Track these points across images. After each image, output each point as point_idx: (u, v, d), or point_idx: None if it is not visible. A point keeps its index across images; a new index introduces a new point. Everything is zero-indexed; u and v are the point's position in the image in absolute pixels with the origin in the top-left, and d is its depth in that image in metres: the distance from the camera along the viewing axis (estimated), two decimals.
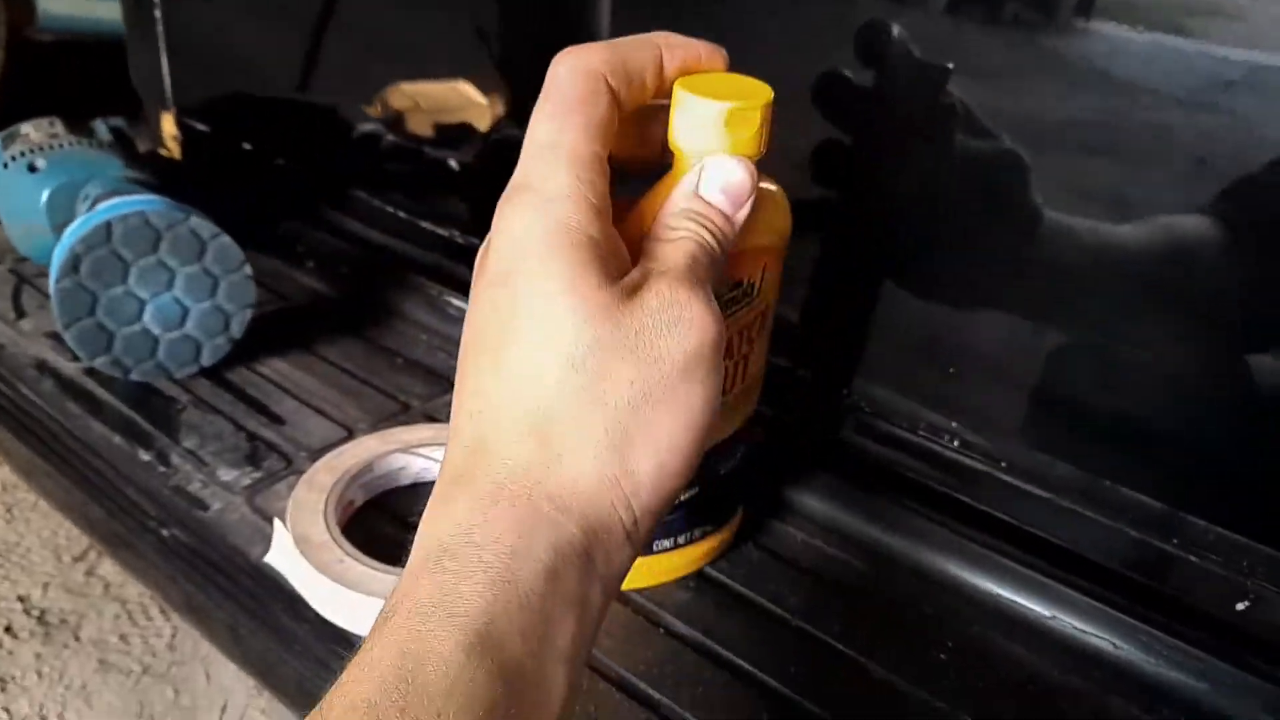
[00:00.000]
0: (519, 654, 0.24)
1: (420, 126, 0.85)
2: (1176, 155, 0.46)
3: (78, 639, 1.09)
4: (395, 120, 0.87)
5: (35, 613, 1.12)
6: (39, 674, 1.05)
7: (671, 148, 0.35)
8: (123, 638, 1.10)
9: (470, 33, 0.77)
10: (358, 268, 0.88)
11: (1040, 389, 0.55)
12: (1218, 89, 0.43)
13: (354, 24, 0.87)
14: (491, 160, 0.79)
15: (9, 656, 1.06)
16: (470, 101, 0.80)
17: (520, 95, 0.76)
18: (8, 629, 1.09)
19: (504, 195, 0.31)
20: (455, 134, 0.83)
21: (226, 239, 0.69)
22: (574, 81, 0.31)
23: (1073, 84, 0.48)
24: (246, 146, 0.97)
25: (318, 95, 0.93)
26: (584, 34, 0.69)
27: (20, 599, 1.14)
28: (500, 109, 0.78)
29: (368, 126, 0.90)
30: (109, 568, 1.19)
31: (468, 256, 0.79)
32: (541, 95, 0.32)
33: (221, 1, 0.97)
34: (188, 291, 0.69)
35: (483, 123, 0.79)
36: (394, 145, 0.89)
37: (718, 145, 0.33)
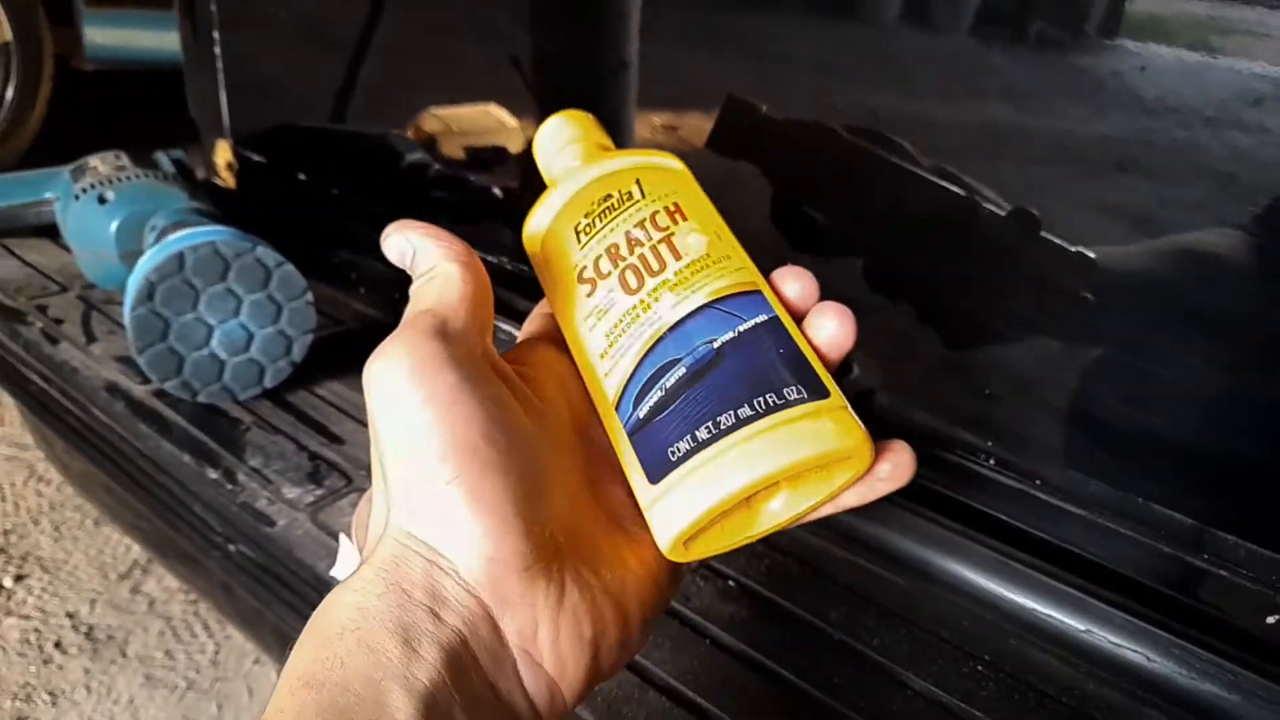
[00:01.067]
0: (337, 677, 0.25)
1: (453, 150, 0.88)
2: (1205, 172, 0.48)
3: (124, 655, 1.12)
4: (429, 144, 0.91)
5: (83, 629, 1.15)
6: (88, 689, 1.07)
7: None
8: (168, 654, 1.13)
9: (504, 59, 0.80)
10: (406, 294, 0.92)
11: (1073, 408, 0.57)
12: (1246, 105, 0.45)
13: (396, 54, 0.90)
14: (536, 189, 0.82)
15: (59, 672, 1.09)
16: (502, 125, 0.83)
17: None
18: (57, 645, 1.13)
19: None
20: (489, 157, 0.86)
21: (290, 267, 0.73)
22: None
23: (1100, 102, 0.50)
24: (301, 176, 1.01)
25: (368, 125, 0.97)
26: (614, 57, 0.72)
27: (69, 615, 1.17)
28: (531, 132, 0.81)
29: (416, 156, 0.94)
30: (154, 585, 1.23)
31: (515, 283, 0.82)
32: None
33: (277, 34, 1.01)
34: (253, 317, 0.72)
35: (514, 145, 0.82)
36: (441, 174, 0.93)
37: (563, 156, 0.41)
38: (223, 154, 1.06)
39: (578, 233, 0.37)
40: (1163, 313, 0.52)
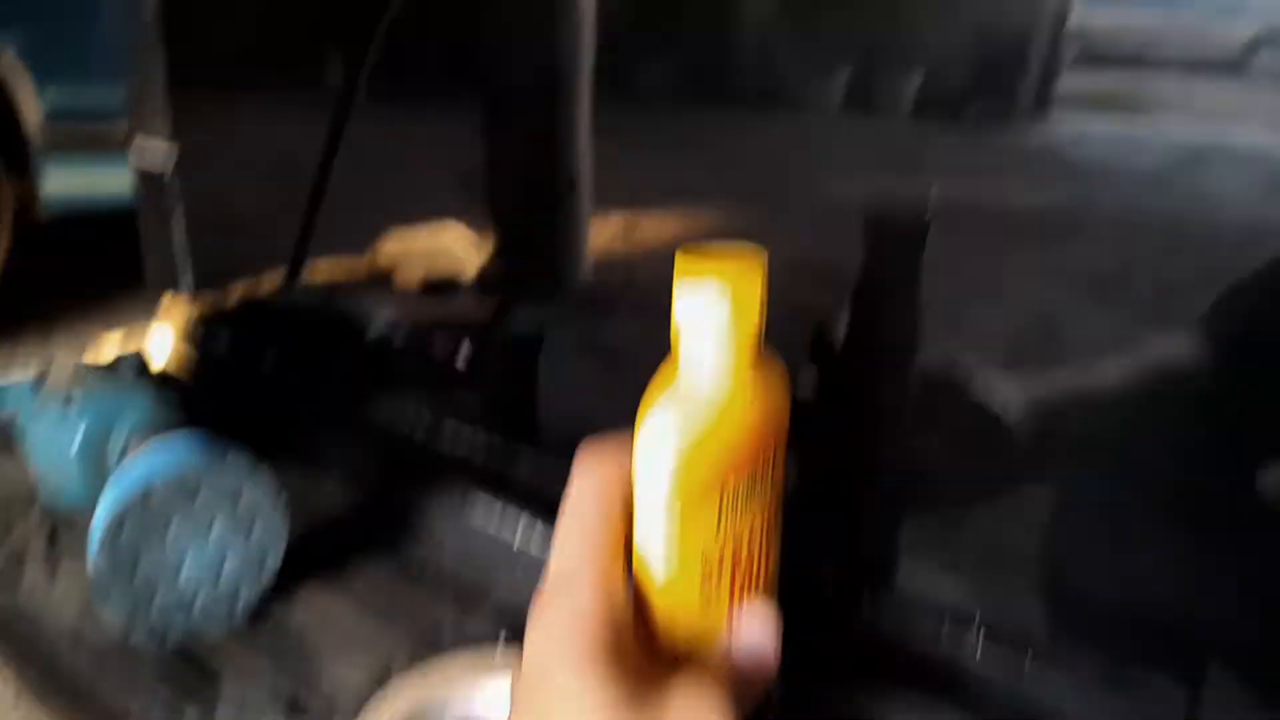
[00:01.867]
0: None
1: (411, 276, 0.88)
2: (1147, 236, 0.48)
3: None
4: (386, 274, 0.89)
5: None
6: None
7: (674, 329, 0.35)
8: None
9: (455, 180, 0.81)
10: (384, 472, 0.90)
11: (1063, 580, 0.56)
12: (1177, 169, 0.47)
13: (353, 192, 0.90)
14: (507, 356, 0.83)
15: None
16: (458, 247, 0.83)
17: (506, 238, 0.80)
18: None
19: (537, 600, 0.34)
20: (447, 286, 0.85)
21: (262, 476, 0.71)
22: (596, 497, 0.35)
23: (1040, 175, 0.51)
24: (265, 356, 1.00)
25: (331, 298, 0.96)
26: (565, 177, 0.73)
27: None
28: (488, 251, 0.82)
29: (382, 325, 0.93)
30: None
31: (492, 456, 0.80)
32: (569, 502, 0.35)
33: (239, 204, 1.01)
34: (224, 538, 0.70)
35: (471, 268, 0.83)
36: (408, 344, 0.92)
37: (718, 322, 0.33)
38: (179, 334, 1.05)
39: (722, 503, 0.34)
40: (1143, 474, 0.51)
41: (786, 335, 0.38)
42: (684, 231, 0.67)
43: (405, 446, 0.90)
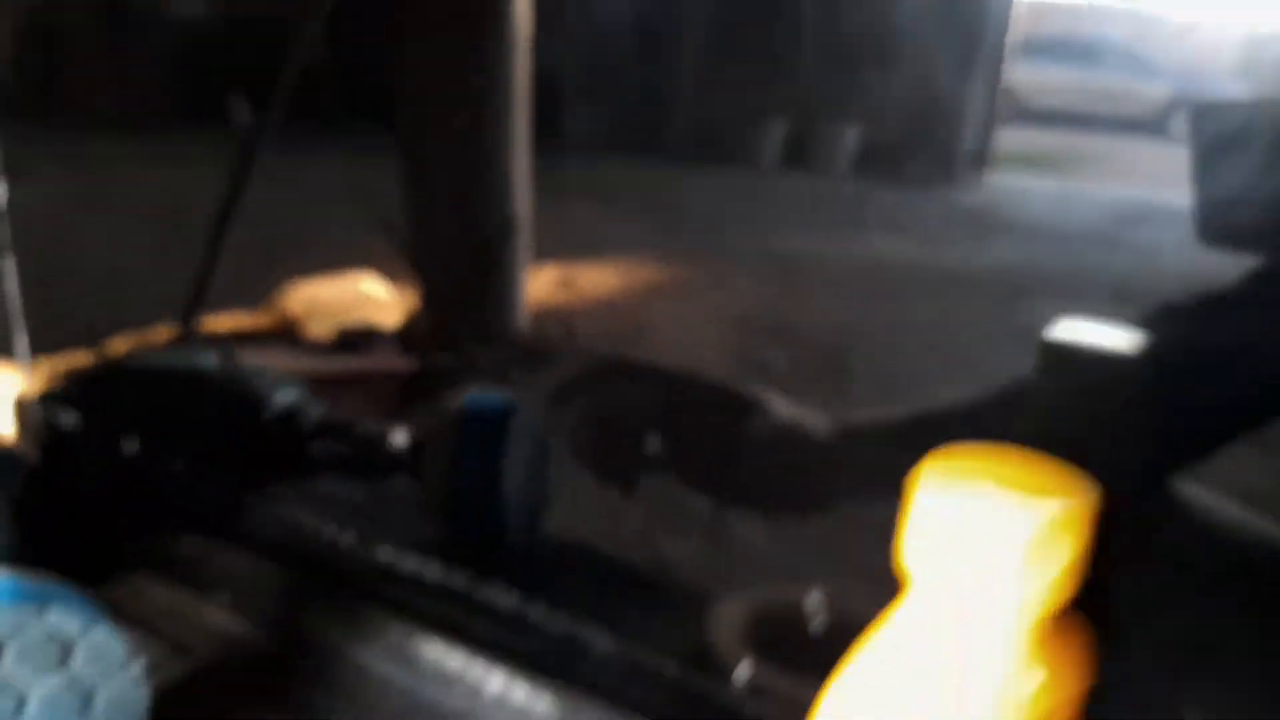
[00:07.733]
0: None
1: (321, 331, 0.77)
2: (1094, 288, 0.45)
3: None
4: (292, 328, 0.78)
5: None
6: None
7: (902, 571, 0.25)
8: None
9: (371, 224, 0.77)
10: (288, 600, 0.67)
11: None
12: (1124, 225, 0.48)
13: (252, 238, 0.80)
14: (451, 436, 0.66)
15: None
16: (373, 299, 0.77)
17: (433, 287, 0.74)
18: None
19: None
20: (362, 342, 0.76)
21: (103, 631, 0.50)
22: None
23: (983, 233, 0.46)
24: (130, 440, 0.76)
25: (218, 360, 0.77)
26: (499, 215, 0.70)
27: None
28: (408, 303, 0.76)
29: (288, 398, 0.74)
30: None
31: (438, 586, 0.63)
32: None
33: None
34: (47, 715, 0.48)
35: (390, 320, 0.76)
36: (323, 421, 0.73)
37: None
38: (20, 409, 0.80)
39: None
40: None
41: None
42: (624, 283, 0.68)
43: (321, 561, 0.68)
